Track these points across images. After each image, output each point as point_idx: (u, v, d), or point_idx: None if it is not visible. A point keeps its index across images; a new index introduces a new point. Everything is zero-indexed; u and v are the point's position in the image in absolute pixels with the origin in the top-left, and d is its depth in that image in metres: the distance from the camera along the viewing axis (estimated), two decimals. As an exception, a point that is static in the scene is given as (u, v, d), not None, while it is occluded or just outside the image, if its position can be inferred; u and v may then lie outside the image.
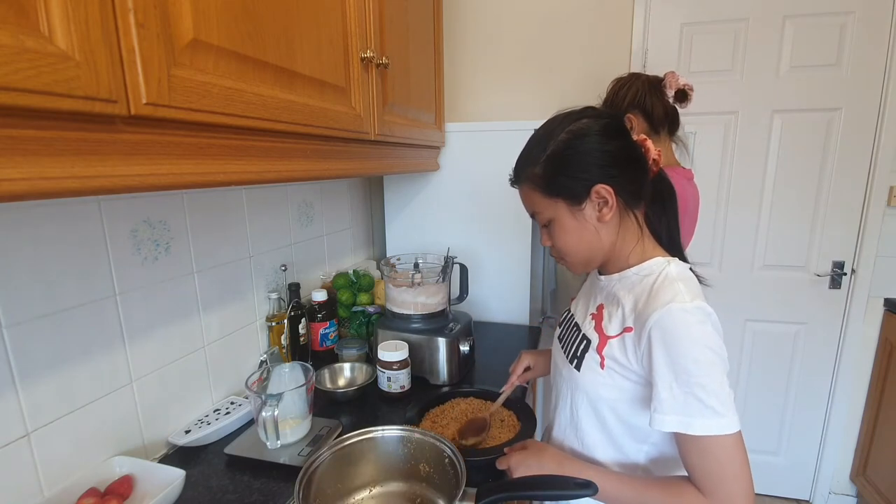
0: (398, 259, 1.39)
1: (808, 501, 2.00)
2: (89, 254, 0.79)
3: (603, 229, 0.70)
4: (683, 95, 1.20)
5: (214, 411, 1.02)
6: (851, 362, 1.83)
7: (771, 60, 1.68)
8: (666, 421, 0.61)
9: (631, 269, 0.71)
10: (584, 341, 0.75)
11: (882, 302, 1.77)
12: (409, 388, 1.15)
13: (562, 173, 0.68)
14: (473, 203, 1.60)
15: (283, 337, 1.23)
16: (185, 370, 0.99)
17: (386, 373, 1.12)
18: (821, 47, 1.64)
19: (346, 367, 1.24)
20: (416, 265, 1.35)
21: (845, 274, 1.78)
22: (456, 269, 1.37)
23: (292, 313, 1.23)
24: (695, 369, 0.59)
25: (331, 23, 0.83)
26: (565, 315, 0.88)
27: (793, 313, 1.86)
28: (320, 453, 0.77)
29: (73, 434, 0.78)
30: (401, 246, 1.72)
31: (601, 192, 0.67)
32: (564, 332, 0.84)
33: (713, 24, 1.71)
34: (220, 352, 1.08)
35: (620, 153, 0.68)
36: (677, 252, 0.74)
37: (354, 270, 1.48)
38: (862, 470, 1.87)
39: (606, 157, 0.67)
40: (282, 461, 0.88)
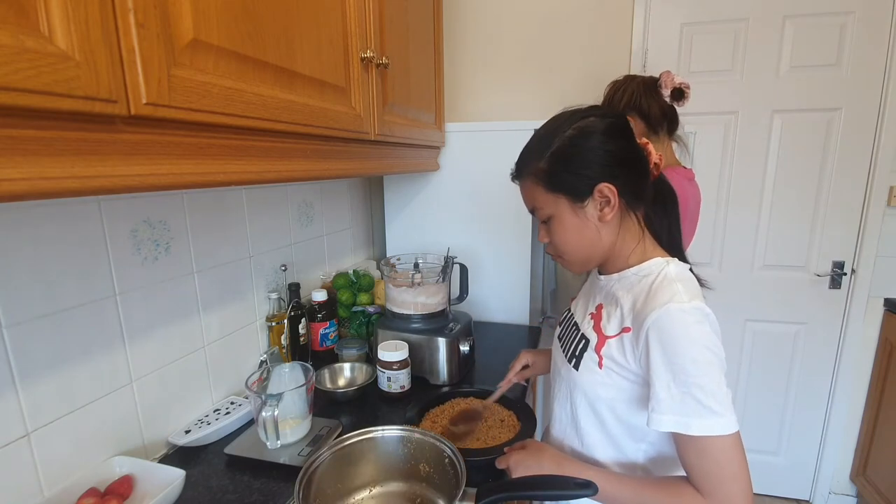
0: (398, 259, 1.39)
1: (808, 501, 2.00)
2: (89, 254, 0.79)
3: (603, 228, 0.70)
4: (680, 94, 1.20)
5: (214, 411, 1.02)
6: (851, 362, 1.83)
7: (771, 60, 1.68)
8: (664, 421, 0.61)
9: (630, 270, 0.71)
10: (583, 341, 0.75)
11: (882, 302, 1.77)
12: (409, 388, 1.15)
13: (566, 169, 0.68)
14: (473, 203, 1.60)
15: (283, 337, 1.23)
16: (185, 370, 0.99)
17: (386, 373, 1.12)
18: (821, 47, 1.64)
19: (346, 367, 1.24)
20: (416, 265, 1.35)
21: (845, 274, 1.78)
22: (456, 269, 1.37)
23: (292, 313, 1.23)
24: (693, 369, 0.59)
25: (331, 23, 0.83)
26: (565, 314, 0.88)
27: (793, 313, 1.86)
28: (320, 453, 0.77)
29: (73, 434, 0.78)
30: (401, 246, 1.72)
31: (604, 190, 0.67)
32: (564, 332, 0.84)
33: (713, 24, 1.71)
34: (220, 352, 1.08)
35: (625, 153, 0.69)
36: (678, 254, 0.74)
37: (354, 270, 1.48)
38: (862, 470, 1.87)
39: (611, 156, 0.67)
40: (282, 461, 0.88)
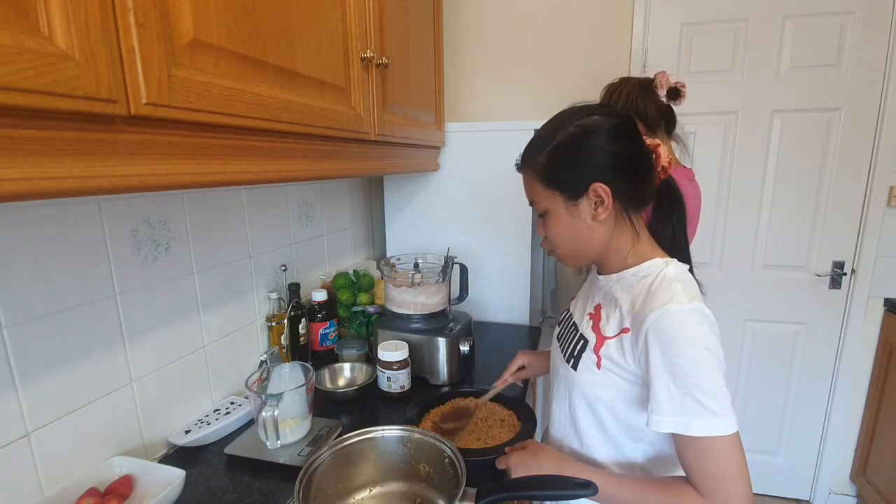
0: (398, 259, 1.39)
1: (808, 501, 2.00)
2: (89, 254, 0.79)
3: (596, 228, 0.70)
4: (676, 93, 1.20)
5: (214, 411, 1.02)
6: (851, 362, 1.83)
7: (771, 60, 1.68)
8: (663, 422, 0.61)
9: (629, 270, 0.71)
10: (582, 341, 0.75)
11: (882, 302, 1.77)
12: (409, 388, 1.15)
13: (563, 166, 0.68)
14: (473, 203, 1.60)
15: (283, 337, 1.23)
16: (185, 370, 0.99)
17: (386, 373, 1.12)
18: (821, 47, 1.64)
19: (346, 367, 1.24)
20: (416, 265, 1.35)
21: (845, 274, 1.78)
22: (456, 269, 1.37)
23: (292, 313, 1.23)
24: (692, 370, 0.59)
25: (331, 23, 0.83)
26: (564, 315, 0.88)
27: (793, 313, 1.86)
28: (320, 453, 0.77)
29: (73, 434, 0.78)
30: (401, 246, 1.72)
31: (598, 190, 0.67)
32: (563, 332, 0.84)
33: (713, 24, 1.71)
34: (220, 352, 1.08)
35: (626, 155, 0.68)
36: (683, 257, 0.73)
37: (354, 270, 1.48)
38: (862, 470, 1.87)
39: (611, 157, 0.67)
40: (282, 461, 0.88)
